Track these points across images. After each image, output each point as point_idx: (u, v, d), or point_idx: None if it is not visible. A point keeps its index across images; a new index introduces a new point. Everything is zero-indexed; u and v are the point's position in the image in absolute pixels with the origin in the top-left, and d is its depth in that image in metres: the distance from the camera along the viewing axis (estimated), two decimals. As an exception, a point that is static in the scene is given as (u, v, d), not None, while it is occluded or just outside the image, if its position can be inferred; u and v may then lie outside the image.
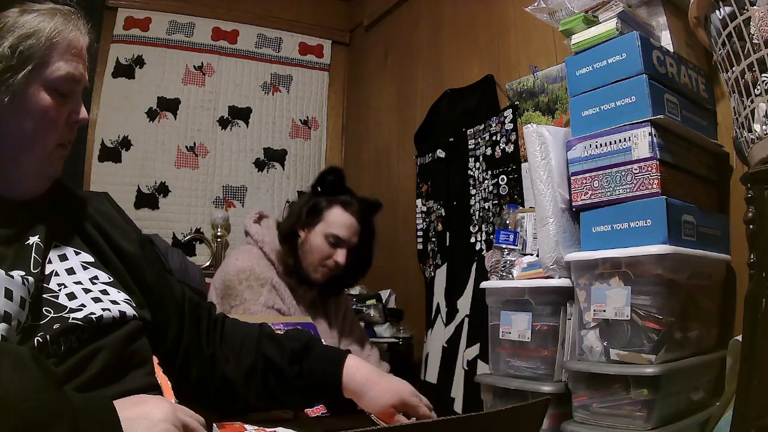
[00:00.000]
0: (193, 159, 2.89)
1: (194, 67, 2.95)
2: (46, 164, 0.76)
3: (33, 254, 0.71)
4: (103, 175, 2.71)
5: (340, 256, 1.67)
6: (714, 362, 1.24)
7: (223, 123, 2.98)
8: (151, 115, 2.84)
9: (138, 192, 2.76)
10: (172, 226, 2.80)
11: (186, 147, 2.88)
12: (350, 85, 3.30)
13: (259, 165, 3.02)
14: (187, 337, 0.91)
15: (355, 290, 2.43)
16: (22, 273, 0.68)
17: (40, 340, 0.66)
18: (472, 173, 2.10)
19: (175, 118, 2.88)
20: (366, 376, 0.94)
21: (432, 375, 2.12)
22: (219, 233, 2.80)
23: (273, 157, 3.06)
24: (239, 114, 3.02)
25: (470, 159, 2.11)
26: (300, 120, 3.16)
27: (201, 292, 2.05)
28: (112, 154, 2.74)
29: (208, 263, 2.73)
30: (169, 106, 2.87)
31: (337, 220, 1.69)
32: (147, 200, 2.77)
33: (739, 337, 0.99)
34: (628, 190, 1.21)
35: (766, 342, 0.88)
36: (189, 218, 2.85)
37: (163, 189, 2.81)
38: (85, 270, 0.77)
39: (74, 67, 0.76)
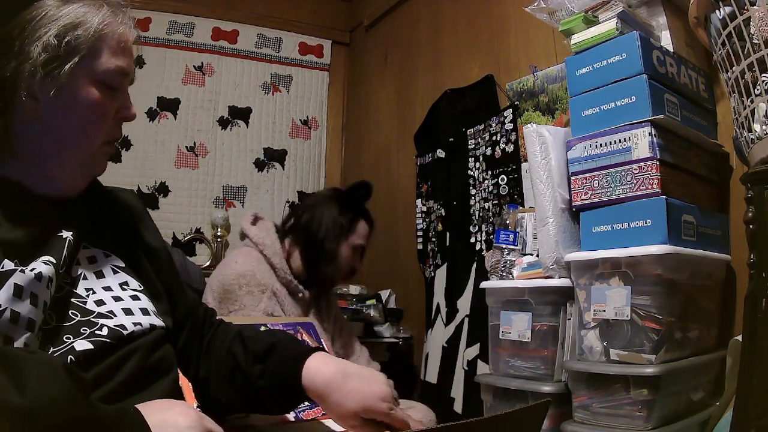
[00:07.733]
0: (193, 159, 2.89)
1: (194, 67, 2.95)
2: (90, 161, 0.74)
3: (65, 250, 0.68)
4: (103, 175, 2.70)
5: (359, 262, 1.78)
6: (714, 362, 1.24)
7: (223, 123, 2.98)
8: (151, 115, 2.83)
9: (138, 192, 2.76)
10: (172, 226, 2.79)
11: (186, 147, 2.88)
12: (350, 85, 3.30)
13: (259, 165, 3.02)
14: (192, 342, 0.89)
15: (355, 290, 2.43)
16: (53, 260, 0.65)
17: (73, 359, 0.64)
18: (472, 173, 2.10)
19: (175, 118, 2.88)
20: (328, 378, 0.79)
21: (432, 375, 2.12)
22: (219, 233, 2.80)
23: (273, 157, 3.06)
24: (239, 114, 3.01)
25: (470, 159, 2.11)
26: (300, 120, 3.16)
27: (201, 292, 2.05)
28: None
29: (208, 263, 2.73)
30: (169, 106, 2.87)
31: (364, 231, 1.77)
32: (147, 200, 2.76)
33: (739, 337, 0.99)
34: (628, 190, 1.21)
35: (766, 342, 0.88)
36: (189, 218, 2.84)
37: (163, 189, 2.81)
38: (115, 274, 0.75)
39: (124, 61, 0.73)
